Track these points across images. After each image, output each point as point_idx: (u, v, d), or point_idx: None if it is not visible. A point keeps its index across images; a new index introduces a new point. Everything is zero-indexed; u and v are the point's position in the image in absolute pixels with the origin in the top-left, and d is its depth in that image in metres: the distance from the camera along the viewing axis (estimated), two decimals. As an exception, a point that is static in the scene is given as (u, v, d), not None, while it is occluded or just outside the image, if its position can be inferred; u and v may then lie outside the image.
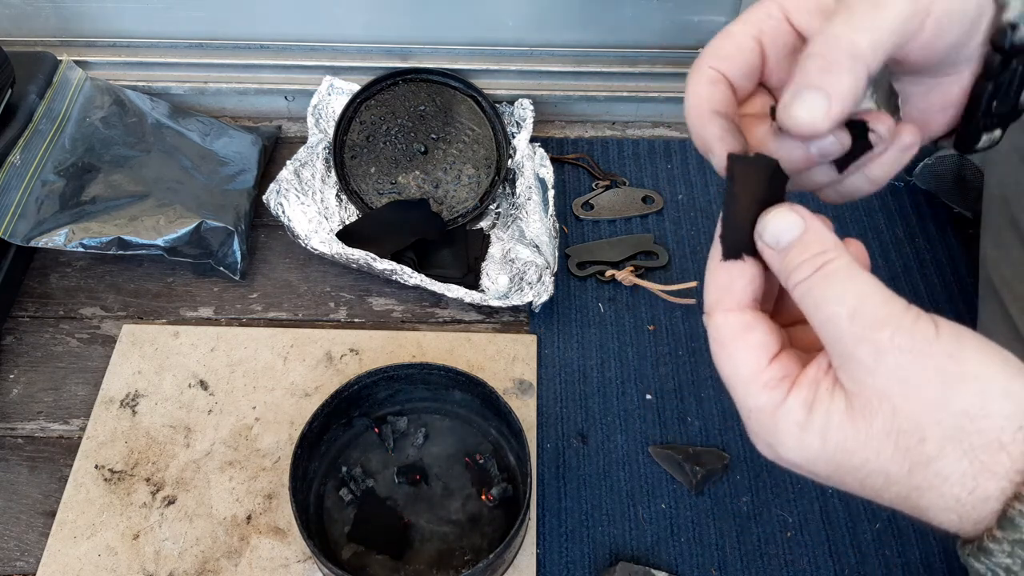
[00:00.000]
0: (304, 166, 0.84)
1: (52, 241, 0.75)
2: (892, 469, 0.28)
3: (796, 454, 0.30)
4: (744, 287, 0.32)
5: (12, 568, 0.64)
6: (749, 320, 0.31)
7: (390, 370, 0.66)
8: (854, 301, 0.28)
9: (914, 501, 0.28)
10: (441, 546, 0.64)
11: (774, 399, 0.30)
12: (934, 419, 0.27)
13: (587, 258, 0.83)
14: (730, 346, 0.31)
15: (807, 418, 0.29)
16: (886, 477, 0.28)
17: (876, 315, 0.28)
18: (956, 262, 0.83)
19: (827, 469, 0.30)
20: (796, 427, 0.29)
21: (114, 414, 0.72)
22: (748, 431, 0.32)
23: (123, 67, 0.93)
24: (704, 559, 0.65)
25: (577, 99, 0.94)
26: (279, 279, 0.82)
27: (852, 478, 0.29)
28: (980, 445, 0.27)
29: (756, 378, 0.31)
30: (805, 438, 0.29)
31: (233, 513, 0.66)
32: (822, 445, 0.29)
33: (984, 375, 0.27)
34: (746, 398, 0.31)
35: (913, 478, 0.28)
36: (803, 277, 0.29)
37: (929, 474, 0.28)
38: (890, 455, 0.28)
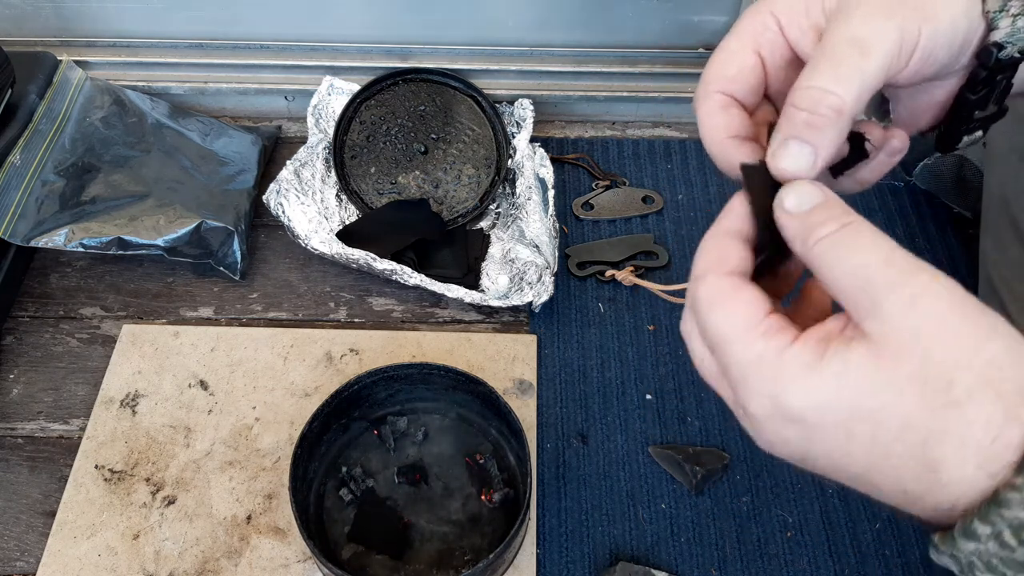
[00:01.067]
0: (304, 166, 0.84)
1: (52, 241, 0.75)
2: (914, 412, 0.27)
3: (803, 399, 0.29)
4: (739, 260, 0.32)
5: (12, 568, 0.64)
6: (740, 282, 0.31)
7: (390, 370, 0.66)
8: (887, 250, 0.29)
9: (930, 449, 0.28)
10: (441, 546, 0.64)
11: (777, 344, 0.29)
12: (965, 364, 0.27)
13: (587, 258, 0.83)
14: (725, 302, 0.31)
15: (819, 361, 0.28)
16: (904, 422, 0.28)
17: (909, 264, 0.28)
18: (956, 262, 0.83)
19: (836, 416, 0.28)
20: (804, 369, 0.29)
21: (114, 414, 0.72)
22: (743, 392, 0.30)
23: (123, 67, 0.93)
24: (704, 559, 0.65)
25: (577, 99, 0.94)
26: (279, 279, 0.82)
27: (865, 425, 0.28)
28: (1008, 392, 0.27)
29: (754, 328, 0.30)
30: (814, 380, 0.28)
31: (233, 513, 0.66)
32: (836, 387, 0.28)
33: (1012, 333, 0.28)
34: (744, 350, 0.30)
35: (935, 421, 0.27)
36: (830, 231, 0.29)
37: (953, 419, 0.27)
38: (915, 397, 0.27)
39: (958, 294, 0.28)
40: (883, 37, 0.30)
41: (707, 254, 0.32)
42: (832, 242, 0.29)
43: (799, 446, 0.30)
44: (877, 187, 0.89)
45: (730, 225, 0.33)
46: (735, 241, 0.33)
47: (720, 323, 0.31)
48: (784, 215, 0.31)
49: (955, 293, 0.28)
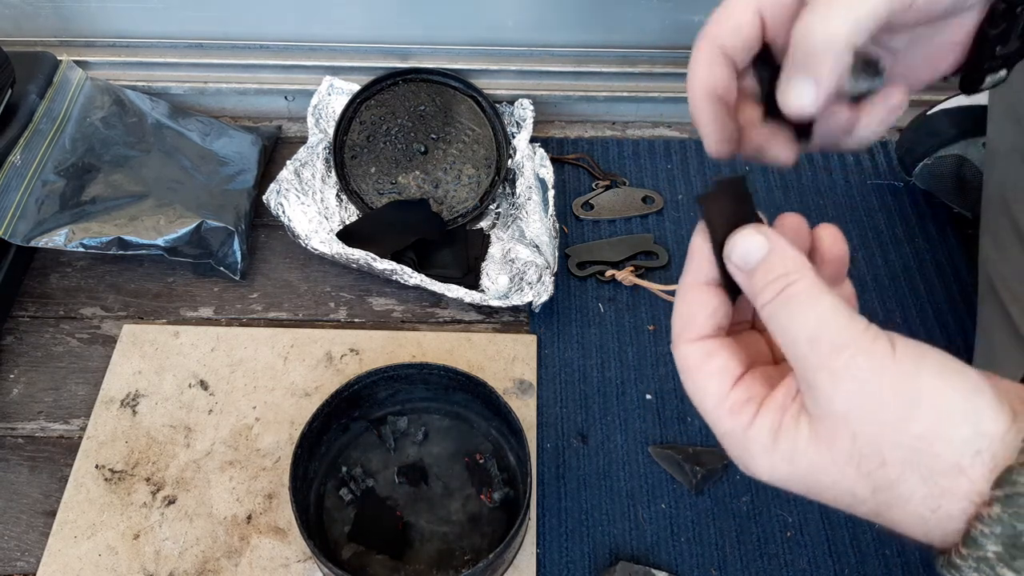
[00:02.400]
0: (304, 166, 0.84)
1: (52, 241, 0.75)
2: (857, 490, 0.29)
3: (768, 475, 0.31)
4: (705, 319, 0.33)
5: (12, 568, 0.64)
6: (710, 347, 0.32)
7: (390, 370, 0.66)
8: (812, 326, 0.28)
9: (885, 517, 0.29)
10: (441, 546, 0.65)
11: (741, 423, 0.31)
12: (893, 442, 0.27)
13: (587, 258, 0.83)
14: (695, 374, 0.32)
15: (773, 443, 0.30)
16: (853, 497, 0.29)
17: (834, 340, 0.28)
18: (956, 262, 0.83)
19: (800, 488, 0.30)
20: (763, 451, 0.30)
21: (114, 414, 0.72)
22: (727, 451, 0.32)
23: (123, 67, 0.93)
24: (704, 559, 0.65)
25: (577, 99, 0.94)
26: (279, 279, 0.82)
27: (825, 496, 0.30)
28: (939, 470, 0.27)
29: (721, 404, 0.31)
30: (773, 461, 0.30)
31: (233, 513, 0.66)
32: (790, 468, 0.30)
33: (941, 397, 0.27)
34: (716, 424, 0.32)
35: (878, 497, 0.28)
36: (767, 300, 0.30)
37: (892, 496, 0.28)
38: (854, 478, 0.28)
39: (883, 363, 0.28)
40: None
41: (677, 316, 0.33)
42: (771, 312, 0.30)
43: (789, 492, 0.32)
44: (877, 187, 0.89)
45: (696, 274, 0.34)
46: (701, 294, 0.33)
47: (695, 395, 0.32)
48: (734, 270, 0.32)
49: (879, 364, 0.28)
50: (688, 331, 0.33)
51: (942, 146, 0.83)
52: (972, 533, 0.27)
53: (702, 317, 0.33)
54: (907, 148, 0.87)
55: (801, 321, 0.29)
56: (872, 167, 0.92)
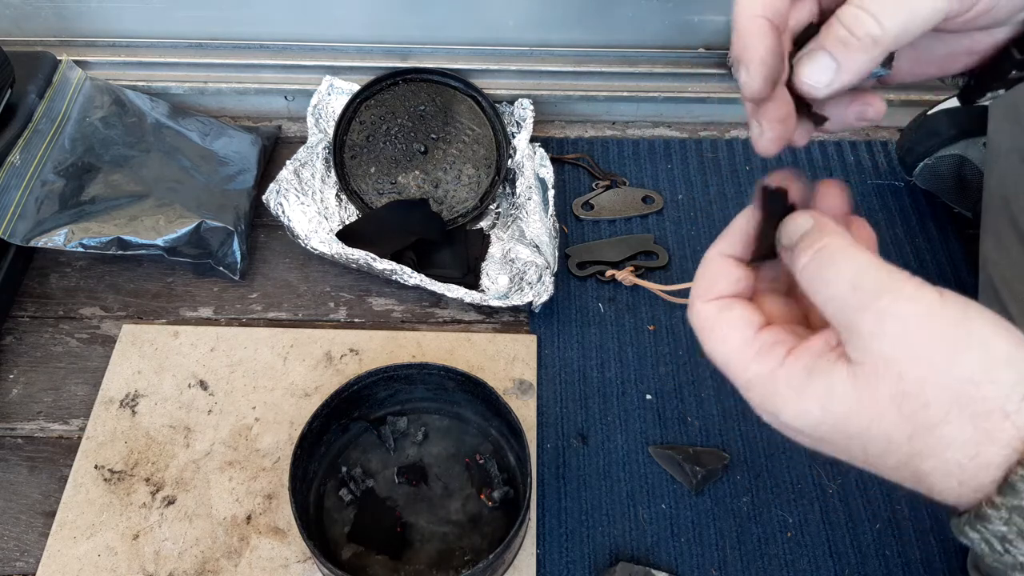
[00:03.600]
0: (304, 166, 0.84)
1: (52, 241, 0.75)
2: (894, 434, 0.28)
3: (797, 421, 0.30)
4: (727, 284, 0.33)
5: (12, 568, 0.64)
6: (728, 303, 0.33)
7: (390, 370, 0.66)
8: (854, 272, 0.29)
9: (915, 466, 0.28)
10: (441, 546, 0.64)
11: (769, 365, 0.30)
12: (940, 383, 0.27)
13: (587, 258, 0.83)
14: (714, 327, 0.32)
15: (807, 383, 0.29)
16: (887, 443, 0.28)
17: (878, 285, 0.29)
18: (956, 262, 0.83)
19: (829, 434, 0.30)
20: (794, 392, 0.30)
21: (114, 414, 0.72)
22: (751, 405, 0.32)
23: (123, 67, 0.93)
24: (704, 559, 0.65)
25: (577, 99, 0.94)
26: (279, 279, 0.82)
27: (855, 444, 0.29)
28: (984, 412, 0.27)
29: (746, 348, 0.31)
30: (803, 404, 0.29)
31: (233, 513, 0.66)
32: (822, 413, 0.29)
33: (989, 342, 0.27)
34: (741, 371, 0.31)
35: (914, 443, 0.28)
36: (805, 262, 0.30)
37: (931, 440, 0.28)
38: (893, 420, 0.28)
39: (930, 308, 0.28)
40: None
41: (698, 281, 0.34)
42: (811, 272, 0.30)
43: (811, 446, 0.31)
44: (877, 187, 0.89)
45: (723, 247, 0.34)
46: (727, 264, 0.34)
47: (717, 349, 0.32)
48: (780, 250, 0.32)
49: (926, 308, 0.28)
50: (707, 293, 0.33)
51: (942, 146, 0.83)
52: (1011, 479, 0.26)
53: (724, 282, 0.33)
54: (907, 148, 0.86)
55: (843, 268, 0.29)
56: (872, 167, 0.92)
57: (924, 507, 0.67)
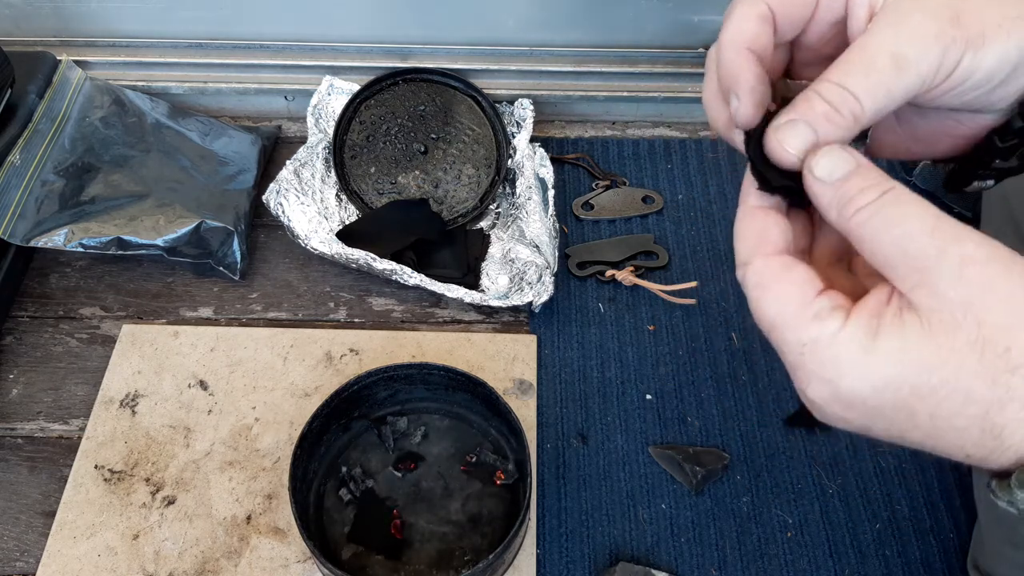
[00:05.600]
0: (304, 166, 0.84)
1: (52, 241, 0.75)
2: (975, 384, 0.27)
3: (862, 382, 0.28)
4: (780, 234, 0.31)
5: (12, 568, 0.64)
6: (789, 261, 0.31)
7: (390, 370, 0.66)
8: (932, 218, 0.28)
9: (992, 417, 0.27)
10: (441, 546, 0.64)
11: (830, 328, 0.29)
12: (1021, 327, 0.27)
13: (587, 258, 0.83)
14: (774, 286, 0.30)
15: (873, 343, 0.28)
16: (966, 395, 0.27)
17: (956, 231, 0.28)
18: (956, 262, 0.83)
19: (896, 396, 0.28)
20: (861, 351, 0.28)
21: (114, 414, 0.72)
22: (801, 376, 0.30)
23: (123, 67, 0.93)
24: (704, 559, 0.65)
25: (577, 99, 0.94)
26: (279, 279, 0.82)
27: (926, 404, 0.28)
28: None
29: (805, 310, 0.29)
30: (872, 363, 0.28)
31: (233, 513, 0.66)
32: (894, 370, 0.28)
33: None
34: (797, 333, 0.29)
35: (996, 390, 0.27)
36: (869, 200, 0.29)
37: (1015, 380, 0.27)
38: (974, 368, 0.27)
39: (1006, 258, 0.28)
40: (924, 59, 0.29)
41: (746, 237, 0.32)
42: (872, 211, 0.28)
43: (859, 425, 0.30)
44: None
45: (758, 199, 0.33)
46: (770, 215, 0.32)
47: (771, 308, 0.30)
48: (816, 183, 0.30)
49: (1004, 258, 0.28)
50: (763, 246, 0.31)
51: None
52: None
53: (776, 233, 0.31)
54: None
55: (919, 213, 0.28)
56: (872, 167, 0.91)
57: (924, 507, 0.67)
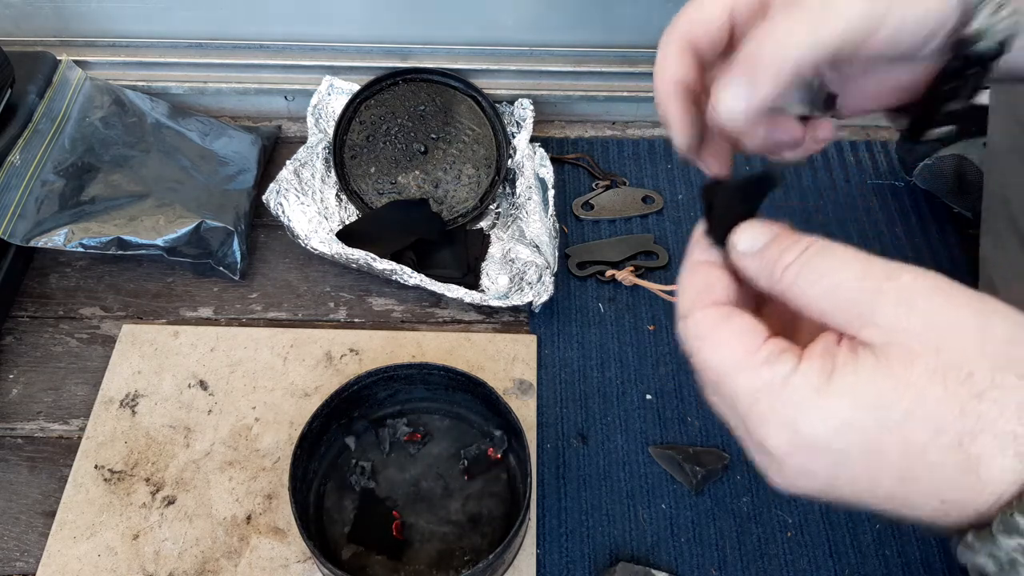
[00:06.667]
0: (304, 166, 0.84)
1: (52, 241, 0.75)
2: (942, 412, 0.26)
3: (823, 425, 0.27)
4: (723, 289, 0.31)
5: (12, 568, 0.64)
6: (730, 310, 0.30)
7: (390, 370, 0.66)
8: (862, 261, 0.28)
9: (965, 448, 0.26)
10: (441, 546, 0.64)
11: (782, 371, 0.28)
12: (980, 350, 0.26)
13: (587, 258, 0.83)
14: (716, 335, 0.29)
15: (828, 383, 0.27)
16: (936, 425, 0.26)
17: (887, 268, 0.28)
18: (956, 262, 0.83)
19: (862, 435, 0.27)
20: (816, 393, 0.27)
21: (114, 414, 0.72)
22: (756, 426, 0.28)
23: (123, 67, 0.93)
24: (704, 559, 0.65)
25: (577, 99, 0.94)
26: (279, 279, 0.82)
27: (893, 437, 0.26)
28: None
29: (753, 356, 0.28)
30: (831, 403, 0.27)
31: (233, 513, 0.66)
32: (853, 409, 0.26)
33: (1006, 309, 0.27)
34: (749, 379, 0.28)
35: (966, 420, 0.26)
36: (793, 258, 0.29)
37: (983, 408, 0.26)
38: (938, 395, 0.26)
39: (945, 285, 0.27)
40: (850, 6, 0.30)
41: (688, 290, 0.32)
42: (798, 268, 0.29)
43: (825, 477, 0.28)
44: (877, 187, 0.89)
45: (704, 254, 0.33)
46: (714, 269, 0.32)
47: (715, 356, 0.29)
48: (741, 258, 0.31)
49: (943, 285, 0.27)
50: (704, 298, 0.31)
51: (942, 146, 0.83)
52: None
53: (720, 287, 0.31)
54: (907, 148, 0.86)
55: (844, 260, 0.28)
56: (872, 167, 0.92)
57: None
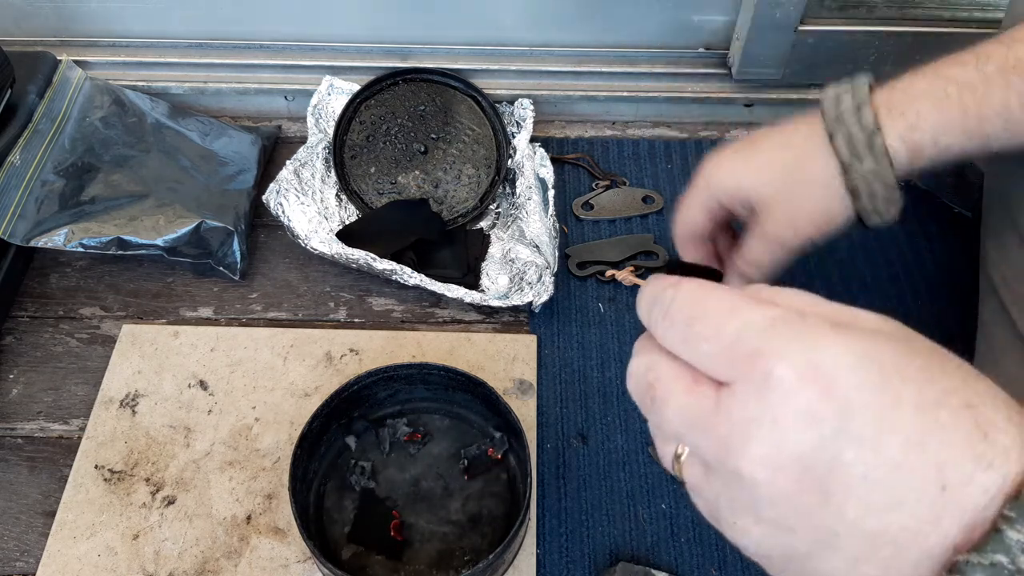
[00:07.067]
0: (304, 166, 0.84)
1: (52, 241, 0.75)
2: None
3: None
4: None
5: (12, 568, 0.64)
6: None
7: (390, 370, 0.66)
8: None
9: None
10: (441, 546, 0.64)
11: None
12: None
13: (587, 258, 0.83)
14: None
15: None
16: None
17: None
18: (956, 262, 0.83)
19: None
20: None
21: (114, 414, 0.72)
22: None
23: (123, 67, 0.93)
24: (704, 559, 0.65)
25: (577, 99, 0.94)
26: (279, 279, 0.82)
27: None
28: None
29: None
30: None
31: (233, 513, 0.66)
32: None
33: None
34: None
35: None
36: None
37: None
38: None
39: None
40: (786, 243, 0.53)
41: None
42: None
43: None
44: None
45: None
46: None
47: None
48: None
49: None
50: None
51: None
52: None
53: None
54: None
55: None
56: (872, 167, 0.91)
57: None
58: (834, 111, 0.51)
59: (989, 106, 0.48)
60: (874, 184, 0.50)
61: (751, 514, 0.26)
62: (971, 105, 0.49)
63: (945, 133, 0.49)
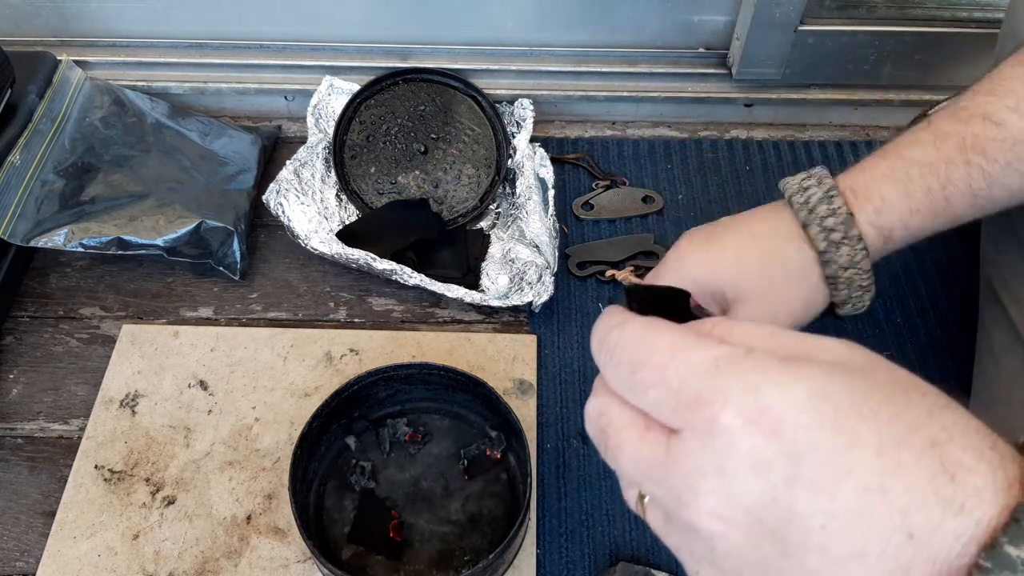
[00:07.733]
0: (304, 166, 0.84)
1: (52, 241, 0.75)
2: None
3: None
4: None
5: (12, 568, 0.64)
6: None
7: (390, 370, 0.66)
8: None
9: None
10: (441, 546, 0.64)
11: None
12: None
13: (587, 258, 0.83)
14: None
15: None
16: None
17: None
18: (956, 263, 0.83)
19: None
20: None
21: (114, 414, 0.72)
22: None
23: (123, 67, 0.93)
24: (704, 559, 0.65)
25: (577, 99, 0.94)
26: (279, 279, 0.82)
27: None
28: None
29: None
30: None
31: (233, 513, 0.66)
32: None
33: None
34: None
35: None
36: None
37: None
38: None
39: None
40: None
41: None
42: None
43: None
44: (877, 187, 0.89)
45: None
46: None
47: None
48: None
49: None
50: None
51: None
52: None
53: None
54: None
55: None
56: (872, 167, 0.91)
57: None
58: (802, 200, 0.50)
59: (953, 186, 0.49)
60: (851, 272, 0.50)
61: (712, 565, 0.25)
62: (935, 187, 0.49)
63: (912, 215, 0.49)
